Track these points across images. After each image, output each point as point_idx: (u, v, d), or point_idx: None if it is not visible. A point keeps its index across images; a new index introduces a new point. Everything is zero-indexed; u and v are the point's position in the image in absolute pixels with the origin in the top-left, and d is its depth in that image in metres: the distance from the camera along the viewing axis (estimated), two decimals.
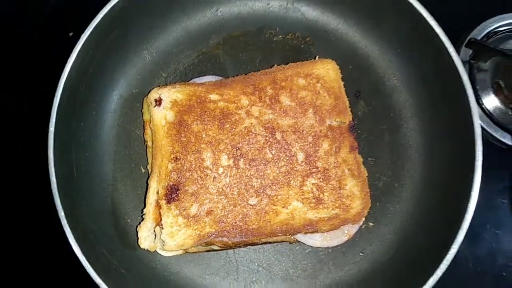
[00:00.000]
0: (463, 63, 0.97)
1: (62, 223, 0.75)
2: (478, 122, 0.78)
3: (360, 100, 0.94)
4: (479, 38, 1.01)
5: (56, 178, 0.76)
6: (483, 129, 0.95)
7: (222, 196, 0.78)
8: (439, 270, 0.74)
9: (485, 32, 1.01)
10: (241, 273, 0.86)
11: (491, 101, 0.97)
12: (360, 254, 0.87)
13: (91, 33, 0.81)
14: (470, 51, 0.99)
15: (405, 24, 0.87)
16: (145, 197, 0.82)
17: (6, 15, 1.04)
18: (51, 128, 0.77)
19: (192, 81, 0.91)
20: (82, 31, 0.87)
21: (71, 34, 1.01)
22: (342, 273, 0.87)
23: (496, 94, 0.98)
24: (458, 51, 1.00)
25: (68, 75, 0.80)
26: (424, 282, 0.74)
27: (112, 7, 0.81)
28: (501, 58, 0.97)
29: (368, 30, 0.94)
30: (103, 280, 0.72)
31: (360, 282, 0.86)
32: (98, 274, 0.73)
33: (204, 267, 0.87)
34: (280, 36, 0.96)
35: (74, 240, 0.74)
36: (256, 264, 0.87)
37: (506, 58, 0.95)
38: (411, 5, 0.83)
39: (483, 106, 0.96)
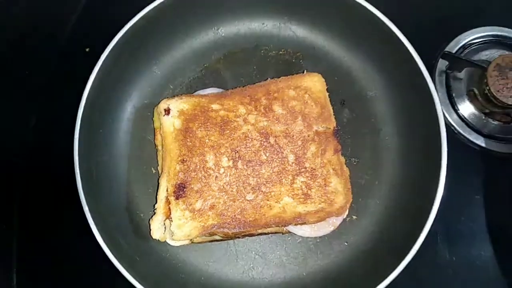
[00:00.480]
0: (441, 72, 1.04)
1: (87, 216, 0.82)
2: (444, 128, 0.86)
3: (345, 107, 0.99)
4: (455, 49, 1.05)
5: (81, 179, 0.83)
6: (458, 132, 1.01)
7: (223, 193, 0.84)
8: (408, 256, 0.80)
9: (461, 44, 1.06)
10: (240, 261, 0.92)
11: (466, 107, 1.02)
12: (345, 243, 0.93)
13: (108, 53, 0.88)
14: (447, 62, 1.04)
15: (383, 43, 0.93)
16: (156, 195, 0.88)
17: (31, 33, 1.11)
18: (76, 136, 0.84)
19: (196, 93, 0.96)
20: (97, 47, 0.93)
21: (87, 49, 1.07)
22: (329, 261, 0.92)
23: (471, 101, 1.02)
24: (436, 62, 1.05)
25: (89, 89, 0.87)
26: (396, 267, 0.80)
27: (126, 31, 0.89)
28: (474, 69, 1.01)
29: (351, 47, 0.99)
30: (122, 265, 0.79)
31: (344, 268, 0.90)
32: (118, 260, 0.79)
33: (208, 255, 0.92)
34: (273, 52, 1.02)
35: (97, 231, 0.81)
36: (253, 253, 0.92)
37: (477, 68, 0.99)
38: (387, 26, 0.89)
39: (458, 111, 1.02)
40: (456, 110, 1.02)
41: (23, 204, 1.01)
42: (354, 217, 0.94)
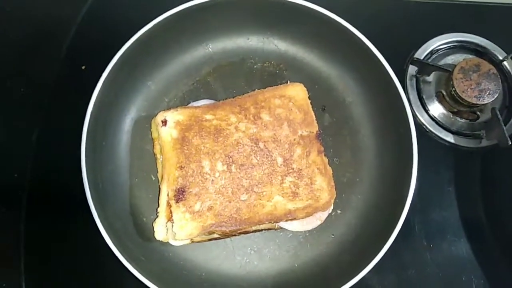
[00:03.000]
0: (411, 76, 1.10)
1: (96, 222, 0.86)
2: (413, 128, 0.92)
3: (325, 113, 1.05)
4: (424, 55, 1.12)
5: (89, 188, 0.87)
6: (429, 130, 1.08)
7: (219, 195, 0.89)
8: (388, 242, 0.87)
9: (429, 50, 1.13)
10: (237, 256, 0.96)
11: (436, 108, 1.09)
12: (331, 236, 0.98)
13: (108, 72, 0.93)
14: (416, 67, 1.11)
15: (357, 53, 0.98)
16: (157, 200, 0.92)
17: (30, 51, 1.15)
18: (83, 149, 0.89)
19: (190, 104, 1.01)
20: (92, 65, 0.99)
21: (83, 67, 1.11)
22: (318, 252, 0.97)
23: (440, 102, 1.09)
24: (406, 68, 1.11)
25: (93, 105, 0.91)
26: (378, 252, 0.86)
27: (124, 51, 0.94)
28: (441, 72, 1.09)
29: (329, 58, 1.05)
30: (131, 264, 0.84)
31: (332, 258, 0.96)
32: (127, 260, 0.84)
33: (207, 253, 0.96)
34: (259, 64, 1.07)
35: (106, 235, 0.85)
36: (249, 249, 0.97)
37: (444, 72, 1.07)
38: (359, 39, 0.95)
39: (429, 112, 1.08)
40: (426, 111, 1.09)
41: (30, 216, 1.04)
42: (339, 211, 0.99)
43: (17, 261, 1.01)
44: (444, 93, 1.08)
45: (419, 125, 1.08)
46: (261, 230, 0.95)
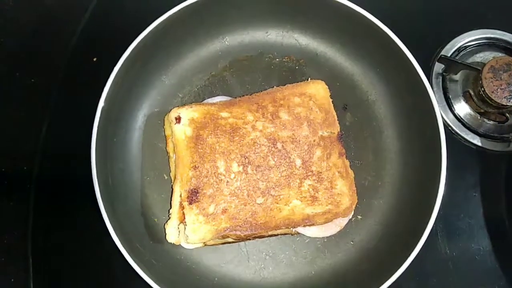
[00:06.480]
0: (437, 74, 1.06)
1: (105, 222, 0.84)
2: (442, 129, 0.88)
3: (347, 112, 1.01)
4: (451, 52, 1.07)
5: (99, 186, 0.84)
6: (455, 132, 1.03)
7: (234, 197, 0.86)
8: (414, 252, 0.83)
9: (456, 47, 1.08)
10: (252, 261, 0.94)
11: (462, 108, 1.05)
12: (351, 242, 0.95)
13: (121, 65, 0.90)
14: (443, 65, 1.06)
15: (382, 49, 0.95)
16: (169, 200, 0.90)
17: (38, 41, 1.12)
18: (93, 146, 0.86)
19: (205, 101, 0.98)
20: (104, 57, 0.97)
21: (95, 59, 1.09)
22: (336, 259, 0.94)
23: (466, 102, 1.05)
24: (432, 65, 1.07)
25: (104, 100, 0.88)
26: (402, 263, 0.83)
27: (138, 43, 0.90)
28: (469, 71, 1.04)
29: (351, 53, 1.01)
30: (141, 268, 0.81)
31: (351, 266, 0.93)
32: (137, 263, 0.82)
33: (220, 257, 0.94)
34: (277, 59, 1.03)
35: (115, 236, 0.83)
36: (264, 254, 0.94)
37: (472, 70, 1.02)
38: (385, 33, 0.91)
39: (455, 112, 1.04)
40: (452, 111, 1.05)
41: (38, 211, 1.02)
42: (359, 217, 0.96)
43: (24, 255, 1.00)
44: (472, 93, 1.04)
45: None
46: (277, 234, 0.93)
